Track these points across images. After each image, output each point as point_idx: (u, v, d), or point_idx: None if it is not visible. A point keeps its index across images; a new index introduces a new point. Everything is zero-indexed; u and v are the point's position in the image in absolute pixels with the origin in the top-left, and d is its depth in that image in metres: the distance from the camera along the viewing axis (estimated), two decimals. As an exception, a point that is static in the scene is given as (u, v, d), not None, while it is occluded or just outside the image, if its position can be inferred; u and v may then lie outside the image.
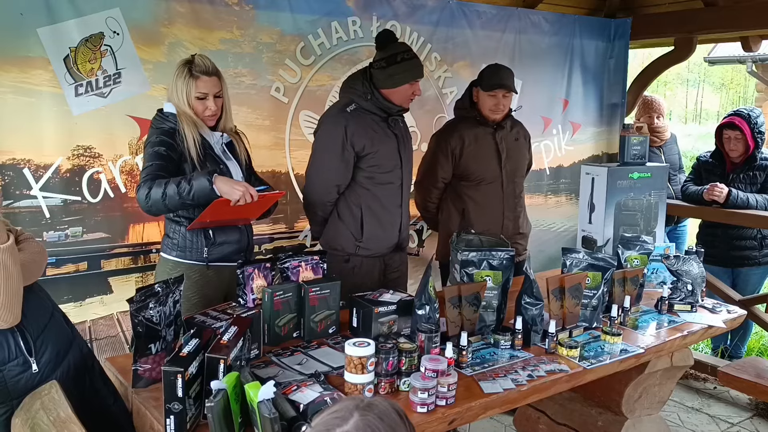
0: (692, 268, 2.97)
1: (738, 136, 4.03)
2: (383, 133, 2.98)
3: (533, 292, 2.48)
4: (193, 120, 2.54)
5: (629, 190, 3.37)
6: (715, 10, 4.38)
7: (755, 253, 4.14)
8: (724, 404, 3.97)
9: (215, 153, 2.62)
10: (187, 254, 2.60)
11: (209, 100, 2.54)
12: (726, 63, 12.78)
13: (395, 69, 2.89)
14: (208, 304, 2.57)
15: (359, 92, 2.95)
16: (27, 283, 1.80)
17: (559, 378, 2.23)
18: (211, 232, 2.60)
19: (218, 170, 2.52)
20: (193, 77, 2.50)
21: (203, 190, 2.36)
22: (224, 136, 2.67)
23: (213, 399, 1.64)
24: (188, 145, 2.50)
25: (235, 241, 2.68)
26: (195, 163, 2.51)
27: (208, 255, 2.61)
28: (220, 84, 2.57)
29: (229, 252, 2.67)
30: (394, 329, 2.40)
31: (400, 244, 3.18)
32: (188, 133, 2.50)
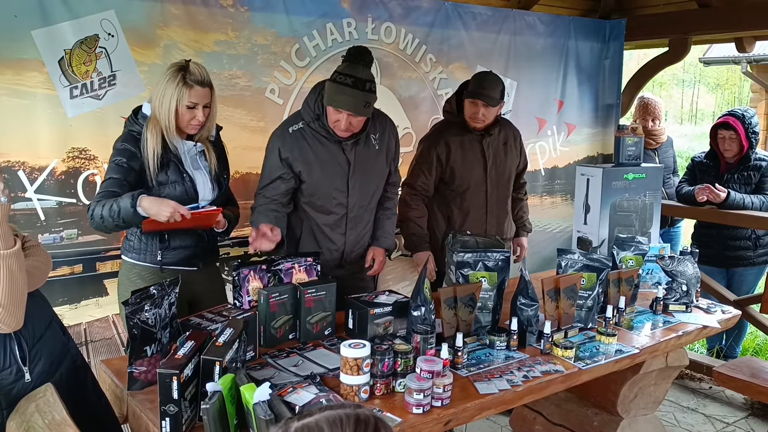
0: (687, 269, 2.97)
1: (732, 135, 4.04)
2: (329, 160, 2.77)
3: (528, 293, 2.49)
4: (163, 129, 2.45)
5: (624, 190, 3.38)
6: (709, 11, 4.39)
7: (750, 253, 4.15)
8: (720, 404, 3.99)
9: (181, 162, 2.53)
10: (142, 256, 2.57)
11: (198, 110, 2.46)
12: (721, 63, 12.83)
13: (329, 87, 2.67)
14: None
15: (310, 110, 2.75)
16: (30, 290, 1.79)
17: (554, 378, 2.24)
18: (166, 235, 2.54)
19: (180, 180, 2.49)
20: (186, 85, 2.41)
21: (128, 213, 2.31)
22: (198, 145, 2.59)
23: (209, 401, 1.64)
24: (147, 155, 2.43)
25: (191, 245, 2.60)
26: (153, 170, 2.44)
27: (162, 258, 2.56)
28: (210, 95, 2.51)
29: (184, 257, 2.60)
30: (389, 330, 2.40)
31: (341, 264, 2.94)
32: (150, 141, 2.43)
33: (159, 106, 2.44)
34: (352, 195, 2.84)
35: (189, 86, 2.42)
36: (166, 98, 2.42)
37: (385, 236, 3.03)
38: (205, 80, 2.46)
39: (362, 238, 2.98)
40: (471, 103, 3.27)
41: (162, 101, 2.43)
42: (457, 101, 3.40)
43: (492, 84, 3.24)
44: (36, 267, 1.85)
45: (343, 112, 2.64)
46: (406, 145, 4.07)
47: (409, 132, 4.07)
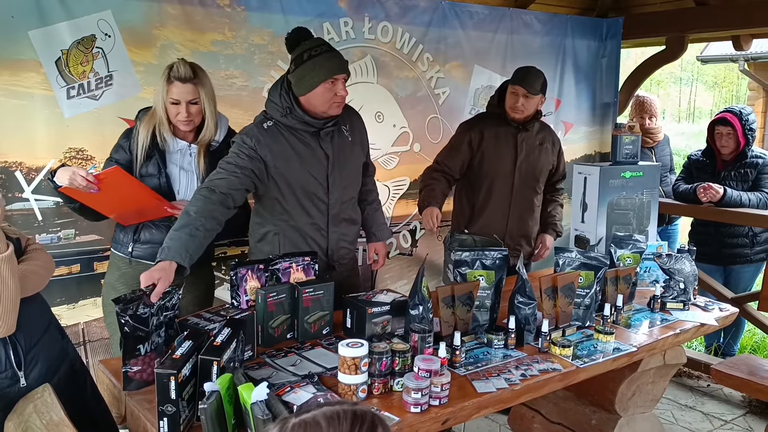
0: (684, 267, 2.98)
1: (729, 132, 4.05)
2: (307, 153, 2.62)
3: (526, 292, 2.49)
4: (157, 121, 2.58)
5: (621, 189, 3.38)
6: (706, 9, 4.39)
7: (747, 250, 4.16)
8: (718, 402, 3.99)
9: (163, 159, 2.61)
10: (118, 247, 2.73)
11: (182, 106, 2.53)
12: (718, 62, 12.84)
13: (304, 70, 2.49)
14: None
15: (278, 107, 2.58)
16: (27, 295, 1.78)
17: (552, 377, 2.24)
18: (140, 228, 2.68)
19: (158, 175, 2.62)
20: (168, 81, 2.51)
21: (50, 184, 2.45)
22: (192, 146, 2.63)
23: (206, 401, 1.64)
24: (137, 144, 2.58)
25: (159, 241, 2.44)
26: (140, 160, 2.59)
27: (132, 250, 2.68)
28: (196, 92, 2.52)
29: (152, 252, 2.51)
30: (387, 329, 2.40)
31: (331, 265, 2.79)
32: (141, 134, 2.58)
33: (156, 101, 2.58)
34: (333, 191, 2.69)
35: (170, 82, 2.51)
36: (158, 94, 2.56)
37: (380, 229, 3.01)
38: (186, 76, 2.50)
39: (345, 236, 2.81)
40: (512, 93, 3.34)
41: (156, 96, 2.57)
42: (499, 96, 3.47)
43: (534, 75, 3.32)
44: (34, 272, 1.84)
45: (339, 78, 2.52)
46: (403, 144, 4.07)
47: (405, 131, 4.07)
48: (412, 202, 4.12)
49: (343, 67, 2.55)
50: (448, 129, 4.22)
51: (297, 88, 2.54)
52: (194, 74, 2.55)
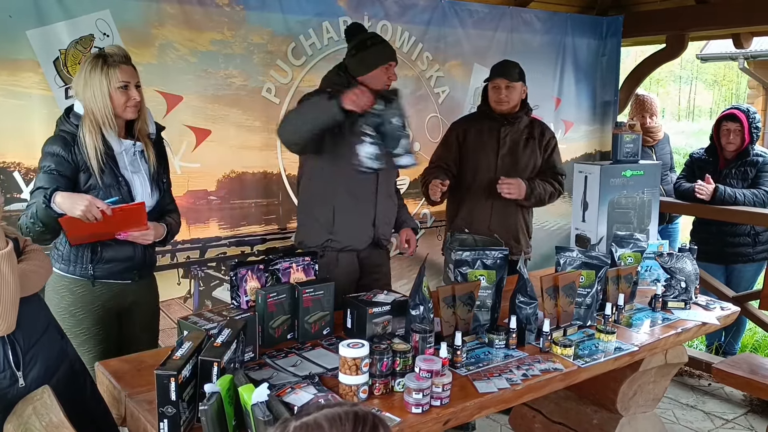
0: (686, 266, 2.97)
1: (738, 128, 4.05)
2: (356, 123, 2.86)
3: (527, 291, 2.48)
4: (100, 124, 2.33)
5: (622, 188, 3.37)
6: (706, 7, 4.39)
7: (749, 249, 4.15)
8: (719, 401, 3.98)
9: (116, 165, 2.39)
10: (71, 268, 2.42)
11: (131, 89, 2.34)
12: (718, 60, 12.83)
13: (366, 54, 2.86)
14: (97, 321, 2.46)
15: (337, 82, 2.88)
16: (26, 294, 1.77)
17: (553, 377, 2.23)
18: (99, 247, 2.40)
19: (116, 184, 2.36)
20: (111, 67, 2.30)
21: (41, 210, 2.19)
22: (137, 144, 2.45)
23: (207, 402, 1.64)
24: (88, 154, 2.31)
25: (125, 258, 2.46)
26: (95, 171, 2.32)
27: (94, 272, 2.42)
28: (137, 75, 2.38)
29: (118, 270, 2.46)
30: (388, 330, 2.39)
31: (377, 241, 3.05)
32: (89, 140, 2.31)
33: (92, 99, 2.32)
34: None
35: (115, 66, 2.31)
36: (96, 87, 2.30)
37: (409, 218, 3.27)
38: (127, 59, 2.37)
39: (388, 211, 3.08)
40: (494, 87, 3.42)
41: (93, 92, 2.31)
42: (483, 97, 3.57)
43: (510, 64, 3.43)
44: (33, 271, 1.83)
45: (393, 65, 2.90)
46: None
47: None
48: (412, 201, 4.12)
49: (395, 57, 2.95)
50: (447, 128, 4.21)
51: (357, 69, 2.87)
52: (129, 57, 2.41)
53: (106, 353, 2.47)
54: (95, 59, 2.32)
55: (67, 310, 2.43)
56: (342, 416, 0.99)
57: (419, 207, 4.20)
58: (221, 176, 3.37)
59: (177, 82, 3.13)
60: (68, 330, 2.34)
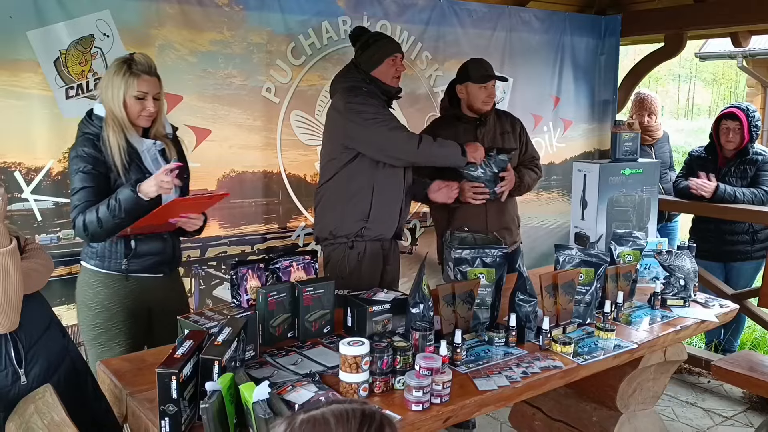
0: (685, 263, 2.98)
1: (737, 126, 4.06)
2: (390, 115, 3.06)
3: (527, 289, 2.49)
4: (121, 124, 2.40)
5: (621, 186, 3.38)
6: (704, 5, 4.40)
7: (747, 247, 4.16)
8: (718, 398, 3.99)
9: (142, 162, 2.48)
10: (105, 263, 2.49)
11: (148, 100, 2.41)
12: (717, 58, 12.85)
13: (372, 50, 2.99)
14: (129, 315, 2.53)
15: (358, 79, 3.00)
16: (28, 292, 1.78)
17: (553, 374, 2.24)
18: (132, 242, 2.49)
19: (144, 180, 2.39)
20: (133, 75, 2.36)
21: (130, 201, 2.31)
22: (157, 143, 2.53)
23: (208, 400, 1.64)
24: (112, 153, 2.39)
25: (157, 252, 2.56)
26: (120, 171, 2.40)
27: (128, 266, 2.50)
28: (159, 86, 2.45)
29: (151, 264, 2.55)
30: (388, 328, 2.40)
31: (398, 233, 3.19)
32: (113, 140, 2.38)
33: (110, 100, 2.38)
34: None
35: (136, 75, 2.37)
36: (115, 90, 2.37)
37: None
38: (152, 69, 2.42)
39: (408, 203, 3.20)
40: (482, 88, 3.30)
41: (112, 94, 2.38)
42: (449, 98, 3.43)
43: (489, 64, 3.37)
44: (34, 269, 1.84)
45: (399, 56, 3.03)
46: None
47: (405, 129, 4.07)
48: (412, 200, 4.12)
49: (400, 49, 3.08)
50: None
51: (367, 66, 3.00)
52: (156, 68, 2.47)
53: (136, 347, 2.56)
54: (121, 63, 2.39)
55: (102, 305, 2.51)
56: (349, 413, 1.00)
57: (419, 205, 4.21)
58: (221, 176, 3.38)
59: (177, 82, 3.13)
60: (101, 324, 2.50)
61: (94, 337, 2.54)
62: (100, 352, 2.52)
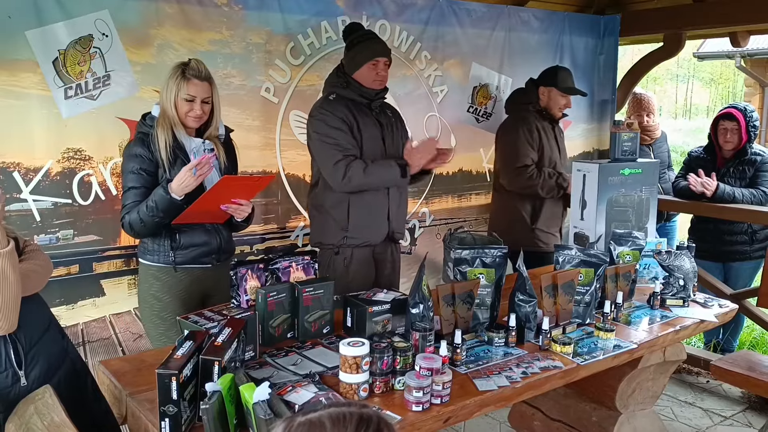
0: (684, 264, 2.98)
1: (735, 127, 4.07)
2: (367, 121, 3.03)
3: (526, 289, 2.49)
4: (171, 123, 2.57)
5: (620, 186, 3.38)
6: (703, 5, 4.40)
7: (746, 247, 4.17)
8: (717, 398, 4.00)
9: (188, 159, 2.59)
10: (156, 257, 2.65)
11: (196, 103, 2.56)
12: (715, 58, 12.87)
13: (354, 51, 3.00)
14: (182, 305, 2.65)
15: (336, 83, 3.04)
16: (27, 294, 1.78)
17: (553, 374, 2.24)
18: (177, 235, 2.62)
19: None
20: (185, 79, 2.54)
21: (164, 201, 2.46)
22: (206, 143, 2.66)
23: (208, 401, 1.64)
24: (159, 148, 2.54)
25: (202, 243, 2.68)
26: (165, 166, 2.55)
27: (174, 258, 2.63)
28: (210, 90, 2.60)
29: (196, 255, 2.67)
30: (388, 328, 2.40)
31: (392, 235, 3.16)
32: (160, 135, 2.55)
33: (165, 100, 2.57)
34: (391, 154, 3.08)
35: (187, 79, 2.54)
36: (169, 92, 2.55)
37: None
38: (203, 74, 2.57)
39: (402, 204, 3.20)
40: (562, 96, 3.87)
41: (167, 95, 2.56)
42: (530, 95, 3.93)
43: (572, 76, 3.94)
44: (33, 270, 1.83)
45: (381, 61, 2.98)
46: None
47: (404, 129, 4.06)
48: (411, 200, 4.12)
49: (383, 52, 3.01)
50: (446, 127, 4.22)
51: (348, 68, 3.02)
52: (209, 73, 2.62)
53: None
54: (177, 67, 2.58)
55: (155, 296, 2.67)
56: (346, 416, 1.00)
57: (418, 206, 4.21)
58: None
59: (176, 82, 3.12)
60: (155, 315, 2.67)
61: (153, 327, 2.71)
62: (162, 342, 2.66)
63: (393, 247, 3.24)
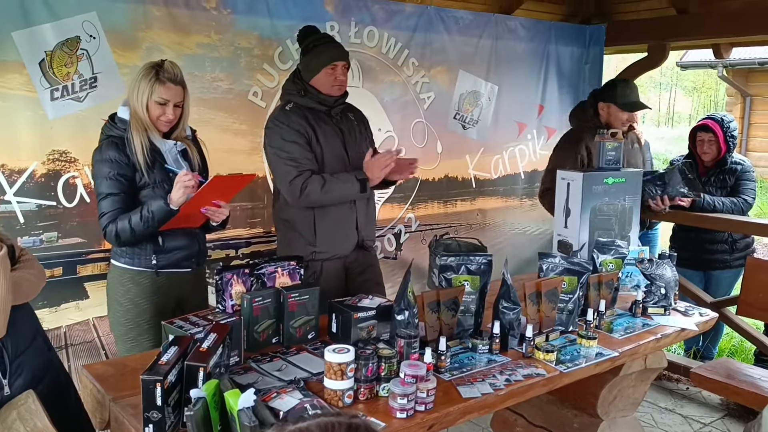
0: (666, 272, 3.01)
1: (711, 138, 4.12)
2: (327, 130, 2.94)
3: (511, 297, 2.51)
4: (144, 125, 2.50)
5: (604, 195, 3.41)
6: (687, 17, 4.46)
7: (726, 256, 4.22)
8: (697, 405, 4.05)
9: (165, 161, 2.57)
10: (135, 261, 2.59)
11: (168, 107, 2.50)
12: (698, 67, 13.03)
13: (310, 56, 2.91)
14: (158, 311, 2.60)
15: (293, 90, 2.94)
16: (17, 302, 1.76)
17: (536, 382, 2.26)
18: (160, 238, 2.57)
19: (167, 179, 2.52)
20: (159, 81, 2.46)
21: (163, 212, 2.43)
22: (178, 144, 2.62)
23: (193, 407, 1.64)
24: (136, 152, 2.48)
25: (185, 246, 2.66)
26: (143, 170, 2.49)
27: (157, 262, 2.60)
28: (183, 94, 2.55)
29: (178, 258, 2.65)
30: (373, 334, 2.41)
31: (361, 243, 3.10)
32: (137, 140, 2.48)
33: (136, 101, 2.48)
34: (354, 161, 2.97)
35: (161, 82, 2.47)
36: (140, 93, 2.47)
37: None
38: (177, 78, 2.51)
39: (370, 212, 3.11)
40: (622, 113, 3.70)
41: (138, 96, 2.47)
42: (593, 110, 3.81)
43: (638, 91, 3.77)
44: (26, 279, 1.81)
45: (339, 65, 2.88)
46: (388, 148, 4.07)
47: (391, 135, 4.08)
48: (397, 206, 4.15)
49: (341, 56, 2.91)
50: (432, 133, 4.25)
51: (304, 74, 2.92)
52: (183, 77, 2.56)
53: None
54: (150, 68, 2.49)
55: (132, 301, 2.60)
56: (335, 426, 1.01)
57: (404, 211, 4.23)
58: (206, 179, 3.37)
59: (163, 85, 3.12)
60: (131, 320, 2.60)
61: (124, 332, 2.63)
62: (130, 347, 2.60)
63: (365, 254, 3.16)
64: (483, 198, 4.67)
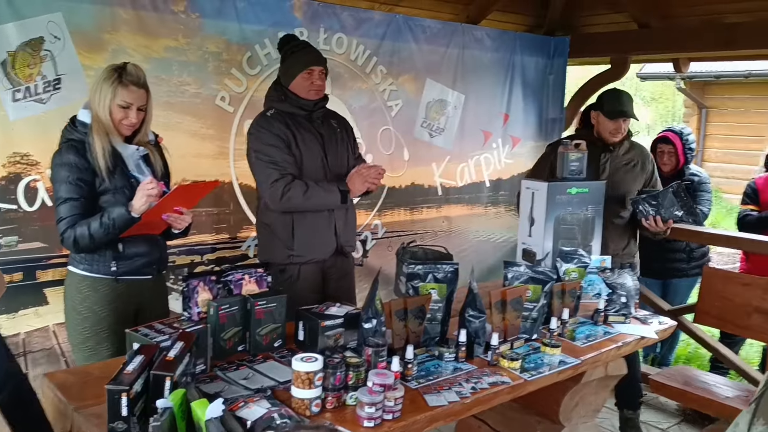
0: (626, 281, 3.08)
1: (671, 150, 4.23)
2: (306, 135, 2.96)
3: (477, 305, 2.53)
4: (106, 129, 2.44)
5: (567, 204, 3.47)
6: (648, 32, 4.58)
7: (684, 265, 4.34)
8: (654, 410, 4.14)
9: (126, 167, 2.52)
10: (94, 267, 2.52)
11: (131, 110, 2.45)
12: (656, 79, 13.33)
13: (288, 63, 2.96)
14: (117, 319, 2.54)
15: (274, 97, 3.00)
16: None
17: (501, 390, 2.29)
18: (120, 245, 2.51)
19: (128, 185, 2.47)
20: (122, 84, 2.41)
21: (124, 220, 2.39)
22: (140, 149, 2.57)
23: (159, 418, 1.62)
24: (97, 157, 2.42)
25: (145, 253, 2.60)
26: (104, 175, 2.43)
27: (117, 268, 2.53)
28: (146, 98, 2.50)
29: (139, 265, 2.59)
30: (340, 342, 2.41)
31: (341, 249, 3.12)
32: (97, 144, 2.42)
33: (97, 105, 2.43)
34: (333, 166, 3.02)
35: (124, 85, 2.42)
36: (102, 96, 2.41)
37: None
38: (141, 81, 2.46)
39: (350, 218, 3.12)
40: (612, 121, 3.50)
41: (99, 100, 2.42)
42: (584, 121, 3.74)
43: (628, 99, 3.51)
44: None
45: (315, 70, 2.93)
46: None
47: (358, 142, 4.08)
48: (364, 212, 4.15)
49: (317, 61, 2.96)
50: (399, 141, 4.27)
51: (284, 80, 2.97)
52: (146, 80, 2.51)
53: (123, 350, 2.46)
54: (112, 71, 2.43)
55: (90, 309, 2.53)
56: None
57: (371, 218, 4.24)
58: (172, 184, 3.32)
59: (129, 88, 3.08)
60: (89, 328, 2.52)
61: (81, 341, 2.55)
62: (88, 356, 2.53)
63: (342, 260, 3.18)
64: (449, 206, 4.71)
